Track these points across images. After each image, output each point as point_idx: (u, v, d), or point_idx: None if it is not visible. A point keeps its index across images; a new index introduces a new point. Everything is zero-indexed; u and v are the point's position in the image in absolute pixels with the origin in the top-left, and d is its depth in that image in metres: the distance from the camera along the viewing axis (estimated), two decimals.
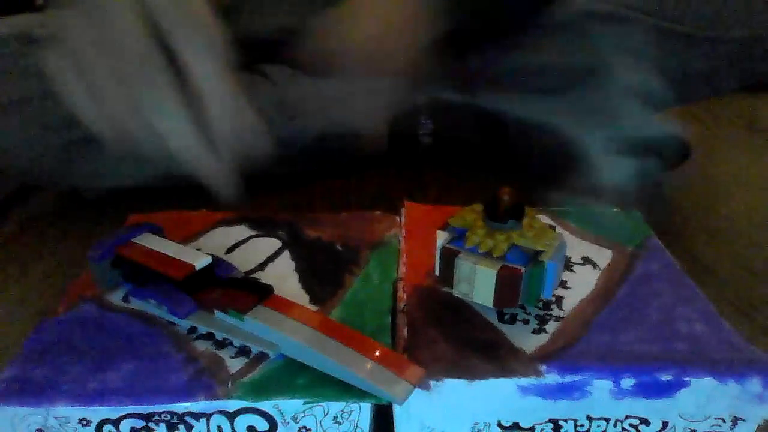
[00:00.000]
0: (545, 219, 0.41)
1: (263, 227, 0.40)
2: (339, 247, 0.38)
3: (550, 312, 0.31)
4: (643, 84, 0.52)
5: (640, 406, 0.28)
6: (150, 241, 0.33)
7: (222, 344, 0.29)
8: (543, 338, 0.30)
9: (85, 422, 0.27)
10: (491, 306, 0.30)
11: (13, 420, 0.27)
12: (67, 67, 0.32)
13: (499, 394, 0.27)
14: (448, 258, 0.30)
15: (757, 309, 0.43)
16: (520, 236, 0.30)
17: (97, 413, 0.27)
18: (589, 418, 0.28)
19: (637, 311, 0.31)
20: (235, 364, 0.28)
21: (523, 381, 0.27)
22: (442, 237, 0.31)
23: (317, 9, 0.56)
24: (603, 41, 0.59)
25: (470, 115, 0.66)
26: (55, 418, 0.27)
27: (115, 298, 0.33)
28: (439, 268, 0.31)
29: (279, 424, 0.27)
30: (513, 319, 0.31)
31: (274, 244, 0.38)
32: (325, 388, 0.27)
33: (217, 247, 0.38)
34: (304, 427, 0.27)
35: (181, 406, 0.27)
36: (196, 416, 0.27)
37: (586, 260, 0.36)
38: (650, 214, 0.42)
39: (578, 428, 0.29)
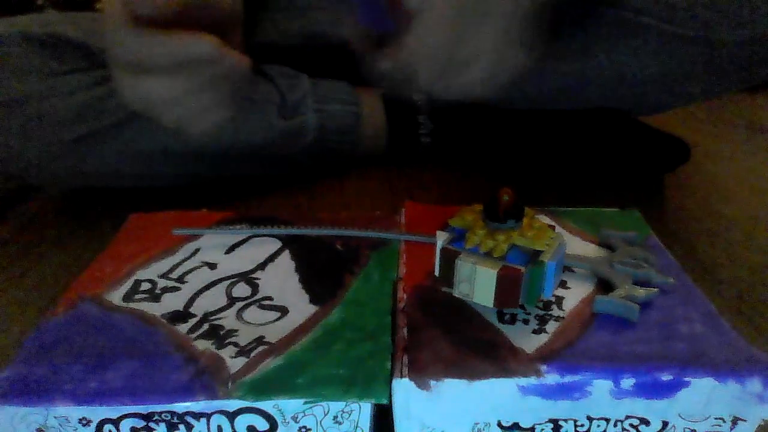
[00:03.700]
0: (545, 219, 0.41)
1: (263, 227, 0.40)
2: (339, 247, 0.38)
3: (550, 312, 0.31)
4: None
5: (640, 406, 0.28)
6: None
7: (222, 344, 0.29)
8: (543, 338, 0.30)
9: (85, 422, 0.27)
10: (492, 306, 0.30)
11: (13, 420, 0.27)
12: None
13: (499, 394, 0.27)
14: (448, 258, 0.30)
15: (757, 309, 0.43)
16: (520, 236, 0.30)
17: (97, 413, 0.27)
18: (589, 418, 0.28)
19: None
20: (235, 364, 0.28)
21: (523, 381, 0.27)
22: (442, 237, 0.31)
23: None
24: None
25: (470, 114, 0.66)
26: (55, 417, 0.27)
27: (115, 298, 0.33)
28: (439, 268, 0.31)
29: (279, 424, 0.27)
30: (513, 319, 0.31)
31: (274, 244, 0.38)
32: (325, 388, 0.27)
33: (217, 247, 0.38)
34: (304, 427, 0.27)
35: (181, 406, 0.27)
36: (196, 416, 0.27)
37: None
38: (650, 214, 0.42)
39: (578, 428, 0.29)
